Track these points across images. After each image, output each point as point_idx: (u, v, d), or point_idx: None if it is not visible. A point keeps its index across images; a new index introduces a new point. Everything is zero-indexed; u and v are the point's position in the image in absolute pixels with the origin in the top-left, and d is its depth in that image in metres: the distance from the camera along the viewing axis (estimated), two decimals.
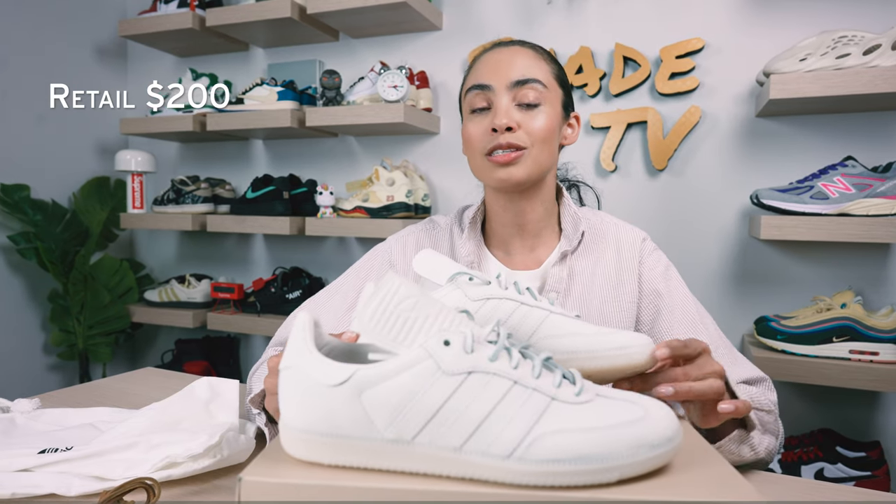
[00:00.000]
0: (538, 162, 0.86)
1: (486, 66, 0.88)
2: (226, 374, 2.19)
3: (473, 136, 0.87)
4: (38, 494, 0.62)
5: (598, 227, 0.95)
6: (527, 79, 0.85)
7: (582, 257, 0.92)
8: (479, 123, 0.87)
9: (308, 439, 0.42)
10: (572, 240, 0.91)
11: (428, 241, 0.99)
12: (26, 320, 2.18)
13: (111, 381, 1.11)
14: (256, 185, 2.01)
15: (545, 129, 0.85)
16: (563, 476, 0.39)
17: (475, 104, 0.87)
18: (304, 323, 0.44)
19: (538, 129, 0.85)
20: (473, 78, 0.89)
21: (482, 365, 0.41)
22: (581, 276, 0.91)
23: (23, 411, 0.82)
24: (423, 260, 0.63)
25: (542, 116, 0.85)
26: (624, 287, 0.90)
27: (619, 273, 0.91)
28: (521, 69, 0.85)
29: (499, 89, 0.85)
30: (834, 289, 1.54)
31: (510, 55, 0.87)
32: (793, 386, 1.62)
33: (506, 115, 0.83)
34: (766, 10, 1.60)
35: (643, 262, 0.92)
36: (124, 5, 2.46)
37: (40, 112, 2.13)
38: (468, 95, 0.89)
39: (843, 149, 1.52)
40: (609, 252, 0.93)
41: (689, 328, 0.87)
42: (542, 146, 0.86)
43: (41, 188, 2.14)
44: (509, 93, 0.85)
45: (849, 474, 1.40)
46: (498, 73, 0.86)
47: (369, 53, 2.07)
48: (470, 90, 0.88)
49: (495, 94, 0.85)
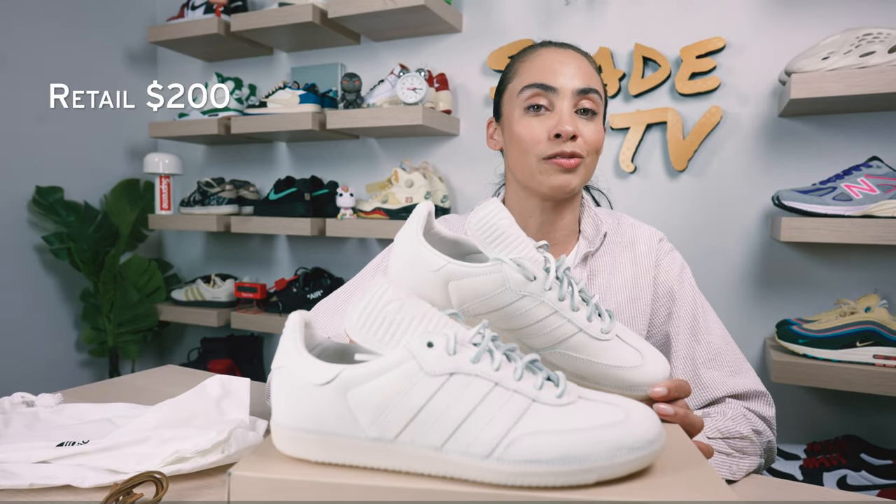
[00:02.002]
0: (589, 172, 0.88)
1: (549, 65, 0.86)
2: (249, 371, 2.23)
3: (532, 138, 0.84)
4: (54, 485, 0.65)
5: (616, 229, 0.95)
6: (591, 88, 0.84)
7: (601, 258, 0.92)
8: (540, 125, 0.84)
9: (296, 436, 0.43)
10: (594, 241, 0.92)
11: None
12: (60, 318, 2.26)
13: (133, 378, 1.15)
14: (279, 187, 2.05)
15: (600, 140, 0.86)
16: (540, 476, 0.40)
17: (535, 102, 0.85)
18: (295, 324, 0.45)
19: (595, 139, 0.85)
20: (533, 75, 0.86)
21: (464, 366, 0.42)
22: (599, 277, 0.91)
23: (46, 405, 0.86)
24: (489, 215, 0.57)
25: (596, 126, 0.86)
26: (640, 288, 0.90)
27: (635, 274, 0.91)
28: (585, 77, 0.85)
29: (563, 93, 0.84)
30: (858, 292, 1.50)
31: (572, 59, 0.86)
32: (815, 391, 1.59)
33: (571, 123, 0.82)
34: (788, 8, 1.57)
35: (659, 264, 0.92)
36: (154, 12, 2.53)
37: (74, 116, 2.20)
38: (525, 92, 0.85)
39: (868, 149, 1.48)
40: (626, 253, 0.93)
41: (692, 336, 0.87)
42: (595, 156, 0.87)
43: (74, 190, 2.21)
44: (573, 98, 0.84)
45: (873, 482, 1.37)
46: (563, 76, 0.84)
47: (390, 56, 2.09)
48: (529, 87, 0.85)
49: (559, 98, 0.84)
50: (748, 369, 0.86)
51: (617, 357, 0.55)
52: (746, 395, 0.83)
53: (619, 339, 0.56)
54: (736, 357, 0.87)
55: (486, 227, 0.56)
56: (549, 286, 0.54)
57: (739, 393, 0.83)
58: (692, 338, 0.86)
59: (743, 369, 0.85)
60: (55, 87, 1.87)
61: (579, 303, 0.56)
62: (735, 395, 0.84)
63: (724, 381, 0.84)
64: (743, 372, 0.85)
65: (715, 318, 0.91)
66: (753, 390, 0.84)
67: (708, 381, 0.84)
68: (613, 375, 0.55)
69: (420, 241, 0.55)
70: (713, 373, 0.84)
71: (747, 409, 0.82)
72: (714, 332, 0.88)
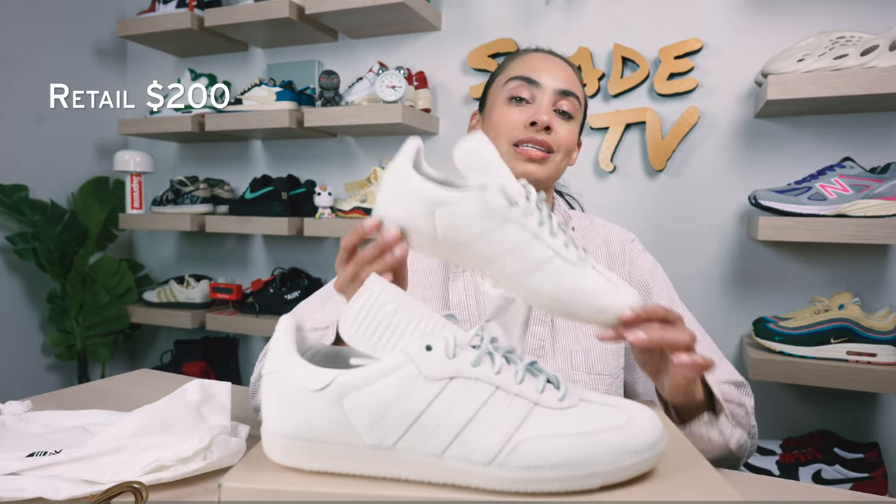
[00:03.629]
0: (558, 169, 0.92)
1: (537, 63, 0.92)
2: (224, 374, 2.19)
3: (506, 123, 0.89)
4: (25, 498, 0.62)
5: (589, 228, 0.97)
6: (571, 91, 0.90)
7: None
8: (518, 114, 0.89)
9: (289, 444, 0.42)
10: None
11: None
12: (25, 321, 2.18)
13: (106, 383, 1.11)
14: (255, 186, 2.01)
15: (572, 141, 0.91)
16: (544, 482, 0.39)
17: (517, 93, 0.90)
18: (286, 327, 0.44)
19: (567, 139, 0.90)
20: (521, 69, 0.91)
21: (464, 370, 0.41)
22: None
23: (13, 414, 0.82)
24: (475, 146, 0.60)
25: (570, 128, 0.91)
26: None
27: (610, 267, 0.93)
28: (568, 81, 0.91)
29: (545, 88, 0.89)
30: (832, 290, 1.53)
31: (559, 64, 0.92)
32: (791, 387, 1.62)
33: (547, 114, 0.88)
34: (765, 11, 1.59)
35: (633, 261, 0.94)
36: (123, 5, 2.46)
37: (40, 112, 2.13)
38: (511, 83, 0.91)
39: (841, 150, 1.51)
40: (600, 248, 0.95)
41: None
42: (565, 155, 0.92)
43: (40, 188, 2.14)
44: (553, 97, 0.89)
45: (846, 476, 1.39)
46: (549, 74, 0.90)
47: (368, 54, 2.07)
48: (515, 79, 0.90)
49: (541, 92, 0.89)
50: (726, 362, 0.87)
51: (593, 284, 0.57)
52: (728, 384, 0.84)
53: (592, 268, 0.58)
54: (715, 348, 0.89)
55: (471, 157, 0.58)
56: (530, 212, 0.56)
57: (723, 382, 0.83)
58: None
59: (723, 361, 0.87)
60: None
61: (557, 230, 0.58)
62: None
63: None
64: (723, 363, 0.86)
65: (690, 315, 0.92)
66: (735, 380, 0.85)
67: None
68: (587, 301, 0.56)
69: (409, 170, 0.57)
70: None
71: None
72: (691, 325, 0.89)
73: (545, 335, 0.89)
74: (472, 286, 0.93)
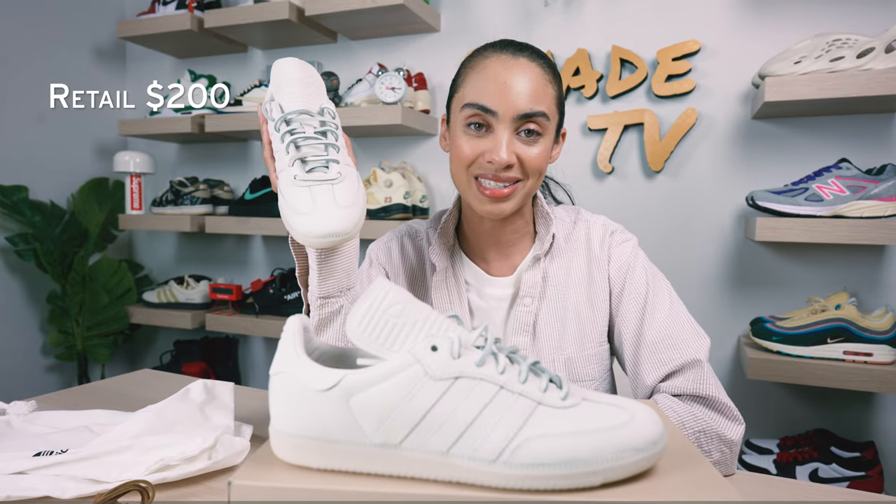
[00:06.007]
0: (529, 192, 0.85)
1: (492, 83, 0.80)
2: (224, 374, 2.19)
3: (465, 154, 0.83)
4: (32, 497, 0.62)
5: (572, 228, 0.94)
6: (535, 111, 0.80)
7: (555, 260, 0.92)
8: (475, 144, 0.82)
9: (297, 443, 0.42)
10: (545, 243, 0.91)
11: (411, 246, 1.00)
12: (25, 322, 2.18)
13: (108, 383, 1.12)
14: (255, 187, 2.02)
15: (542, 162, 0.83)
16: (548, 479, 0.40)
17: (474, 121, 0.82)
18: (294, 328, 0.45)
19: (536, 163, 0.82)
20: (475, 93, 0.81)
21: (469, 370, 0.42)
22: (555, 280, 0.91)
23: (19, 413, 0.82)
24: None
25: (540, 148, 0.82)
26: (596, 286, 0.90)
27: (590, 272, 0.91)
28: (529, 99, 0.80)
29: (503, 118, 0.80)
30: (828, 290, 1.54)
31: (522, 73, 0.80)
32: (788, 387, 1.63)
33: (507, 150, 0.79)
34: (762, 13, 1.61)
35: (611, 259, 0.91)
36: (123, 7, 2.47)
37: (40, 113, 2.14)
38: (465, 110, 0.82)
39: (838, 151, 1.53)
40: (581, 252, 0.92)
41: (636, 320, 0.86)
42: (537, 178, 0.84)
43: (40, 189, 2.14)
44: (514, 123, 0.80)
45: (843, 474, 1.41)
46: (505, 98, 0.79)
47: (367, 55, 2.08)
48: (469, 106, 0.81)
49: (498, 121, 0.80)
50: (692, 337, 0.83)
51: (301, 205, 0.66)
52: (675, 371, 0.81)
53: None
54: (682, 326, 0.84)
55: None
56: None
57: (672, 370, 0.81)
58: (640, 319, 0.86)
59: (685, 340, 0.82)
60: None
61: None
62: (667, 374, 0.81)
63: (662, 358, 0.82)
64: (683, 344, 0.82)
65: (666, 290, 0.88)
66: (687, 361, 0.81)
67: (643, 373, 0.84)
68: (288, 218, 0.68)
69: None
70: (646, 362, 0.83)
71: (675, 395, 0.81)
72: (661, 308, 0.86)
73: (526, 344, 0.89)
74: (454, 291, 0.93)
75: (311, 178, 0.68)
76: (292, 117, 0.72)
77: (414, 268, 0.99)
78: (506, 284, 0.92)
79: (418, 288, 0.98)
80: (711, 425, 0.77)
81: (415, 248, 1.00)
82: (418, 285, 0.98)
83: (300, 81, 0.76)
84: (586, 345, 0.89)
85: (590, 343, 0.89)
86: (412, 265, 0.99)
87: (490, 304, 0.93)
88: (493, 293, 0.93)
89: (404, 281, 0.99)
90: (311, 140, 0.70)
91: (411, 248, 1.00)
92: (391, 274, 0.99)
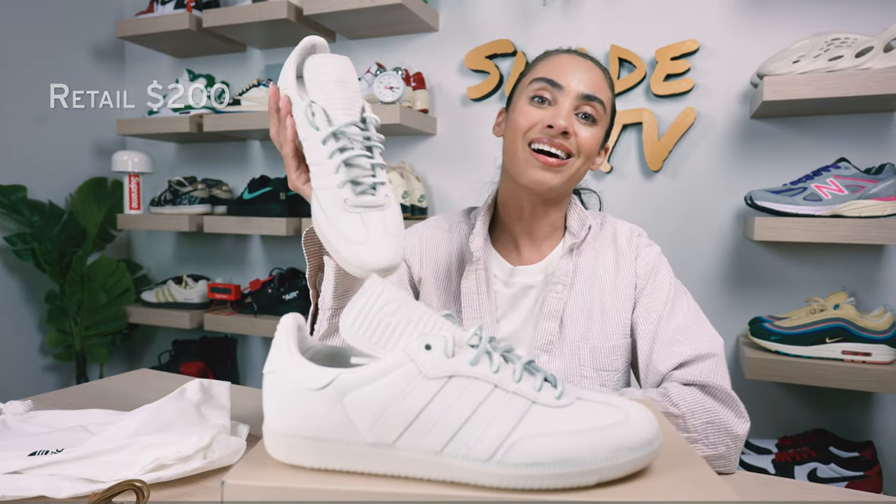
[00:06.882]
0: (577, 174, 0.90)
1: (562, 65, 0.90)
2: (222, 374, 2.19)
3: (524, 122, 0.88)
4: (27, 497, 0.62)
5: (600, 226, 1.00)
6: (596, 96, 0.88)
7: (585, 253, 0.96)
8: (537, 113, 0.88)
9: (291, 443, 0.42)
10: (579, 234, 0.95)
11: (443, 237, 1.02)
12: (23, 321, 2.18)
13: (105, 383, 1.12)
14: (253, 186, 2.02)
15: (593, 145, 0.89)
16: (542, 479, 0.39)
17: (539, 93, 0.89)
18: (288, 327, 0.44)
19: (588, 143, 0.88)
20: (545, 70, 0.90)
21: (463, 369, 0.42)
22: (584, 270, 0.95)
23: (15, 413, 0.82)
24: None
25: (593, 132, 0.89)
26: (622, 280, 0.94)
27: (617, 265, 0.95)
28: (593, 85, 0.88)
29: (568, 92, 0.88)
30: (827, 290, 1.54)
31: (586, 67, 0.90)
32: (786, 386, 1.63)
33: (567, 118, 0.86)
34: (760, 12, 1.60)
35: (639, 257, 0.95)
36: (121, 6, 2.46)
37: (40, 113, 2.13)
38: (534, 84, 0.90)
39: (836, 150, 1.52)
40: (608, 246, 0.97)
41: (656, 315, 0.89)
42: (585, 160, 0.90)
43: (38, 189, 2.14)
44: (575, 101, 0.87)
45: (842, 474, 1.40)
46: (573, 77, 0.88)
47: (366, 55, 2.07)
48: (539, 80, 0.89)
49: (563, 95, 0.88)
50: (706, 334, 0.86)
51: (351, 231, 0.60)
52: (690, 361, 0.83)
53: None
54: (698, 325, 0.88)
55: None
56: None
57: (686, 359, 0.83)
58: (656, 319, 0.89)
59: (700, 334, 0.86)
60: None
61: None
62: (681, 363, 0.84)
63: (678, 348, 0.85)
64: (696, 338, 0.85)
65: (686, 303, 0.91)
66: (703, 353, 0.83)
67: (655, 360, 0.86)
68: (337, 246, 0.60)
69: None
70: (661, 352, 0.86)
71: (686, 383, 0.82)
72: (680, 308, 0.90)
73: (553, 331, 0.91)
74: (483, 282, 0.95)
75: (362, 204, 0.62)
76: (343, 130, 0.64)
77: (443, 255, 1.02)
78: (534, 272, 0.96)
79: (447, 275, 1.00)
80: (720, 417, 0.78)
81: (449, 238, 1.02)
82: (447, 272, 1.00)
83: (346, 84, 0.68)
84: (610, 336, 0.92)
85: (614, 335, 0.92)
86: (449, 253, 1.02)
87: (515, 292, 0.96)
88: (519, 281, 0.96)
89: (432, 267, 1.00)
90: (361, 158, 0.64)
91: (442, 240, 1.02)
92: (423, 258, 1.01)
